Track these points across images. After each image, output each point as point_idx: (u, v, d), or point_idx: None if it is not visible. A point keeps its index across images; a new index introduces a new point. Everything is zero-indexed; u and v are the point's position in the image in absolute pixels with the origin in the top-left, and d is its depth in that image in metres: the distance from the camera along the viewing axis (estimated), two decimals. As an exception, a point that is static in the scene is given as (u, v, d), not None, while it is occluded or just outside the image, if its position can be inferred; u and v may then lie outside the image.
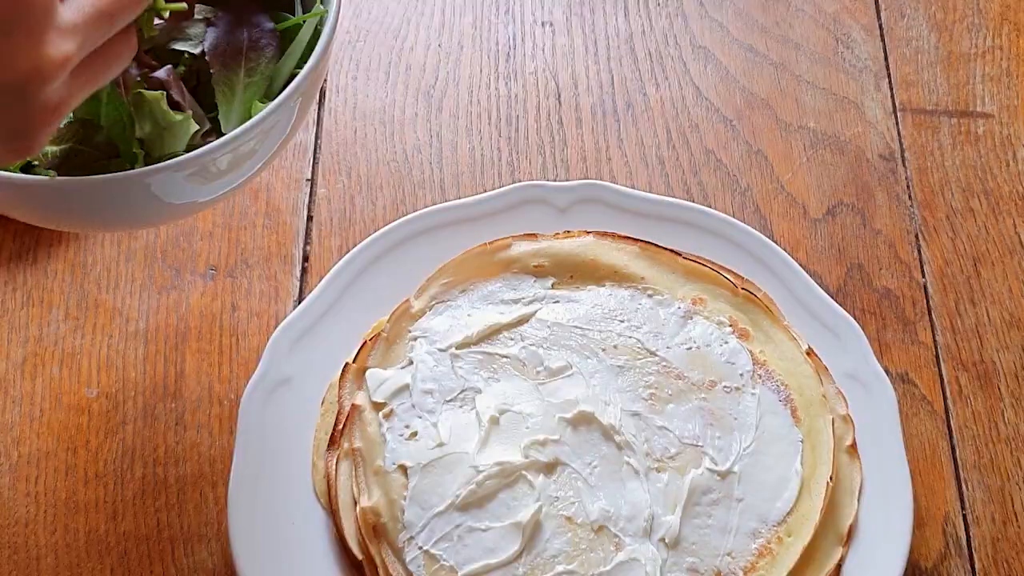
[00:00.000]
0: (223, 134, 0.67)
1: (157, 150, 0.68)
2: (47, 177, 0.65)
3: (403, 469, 0.82)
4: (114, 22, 0.57)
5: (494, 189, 0.96)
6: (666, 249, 0.93)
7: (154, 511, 0.85)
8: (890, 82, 1.06)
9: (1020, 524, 0.88)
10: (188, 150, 0.66)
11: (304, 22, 0.71)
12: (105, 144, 0.68)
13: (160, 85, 0.68)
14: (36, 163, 0.67)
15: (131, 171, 0.63)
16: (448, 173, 1.00)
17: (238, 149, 0.66)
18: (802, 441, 0.85)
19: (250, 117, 0.67)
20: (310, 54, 0.69)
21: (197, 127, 0.68)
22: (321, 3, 0.72)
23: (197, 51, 0.70)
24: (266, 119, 0.66)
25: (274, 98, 0.67)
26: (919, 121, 1.04)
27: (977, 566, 0.86)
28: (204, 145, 0.65)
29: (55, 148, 0.67)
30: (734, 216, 0.96)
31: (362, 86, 1.04)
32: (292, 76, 0.69)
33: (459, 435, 0.83)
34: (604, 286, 0.92)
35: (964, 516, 0.88)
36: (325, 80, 1.03)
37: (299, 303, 0.91)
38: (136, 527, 0.85)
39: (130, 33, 0.60)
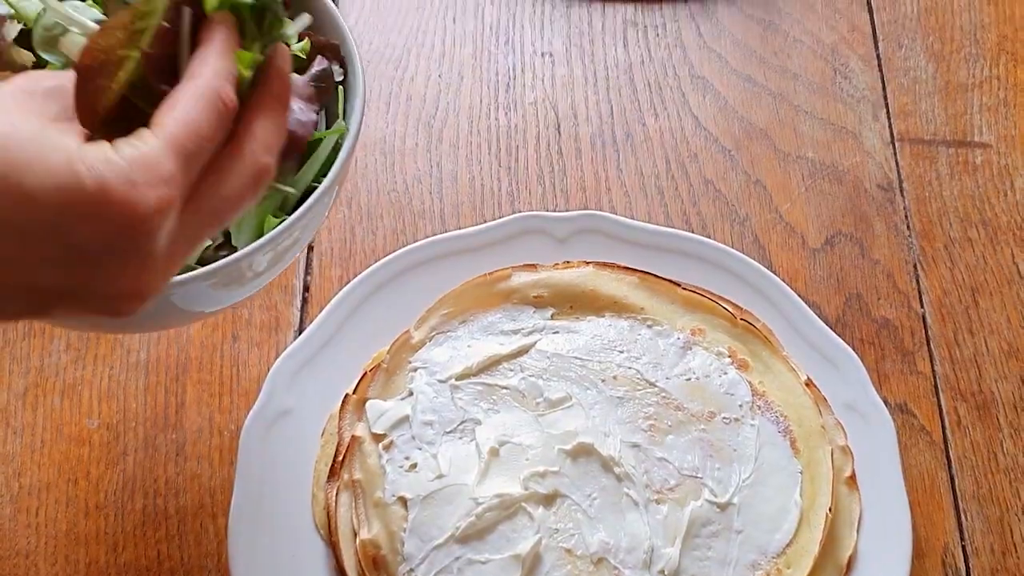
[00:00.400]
0: (235, 248, 0.67)
1: None
2: None
3: (403, 501, 0.83)
4: (212, 144, 0.54)
5: (494, 219, 0.96)
6: (665, 279, 0.93)
7: (155, 542, 0.85)
8: (888, 112, 1.06)
9: (1020, 555, 0.88)
10: (200, 263, 0.65)
11: (325, 138, 0.71)
12: None
13: None
14: None
15: None
16: (448, 203, 1.00)
17: (250, 262, 0.65)
18: (801, 472, 0.85)
19: (262, 232, 0.66)
20: (328, 168, 0.68)
21: (209, 241, 0.67)
22: (343, 119, 0.72)
23: None
24: (278, 236, 0.65)
25: (289, 212, 0.66)
26: (917, 151, 1.04)
27: (977, 597, 0.86)
28: (217, 259, 0.64)
29: None
30: (733, 246, 0.96)
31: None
32: (309, 190, 0.68)
33: (459, 466, 0.84)
34: (604, 316, 0.92)
35: (963, 547, 0.88)
36: (326, 111, 1.04)
37: (299, 333, 0.92)
38: (136, 558, 0.85)
39: (254, 164, 0.56)
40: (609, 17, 1.11)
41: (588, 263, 0.94)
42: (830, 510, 0.83)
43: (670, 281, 0.93)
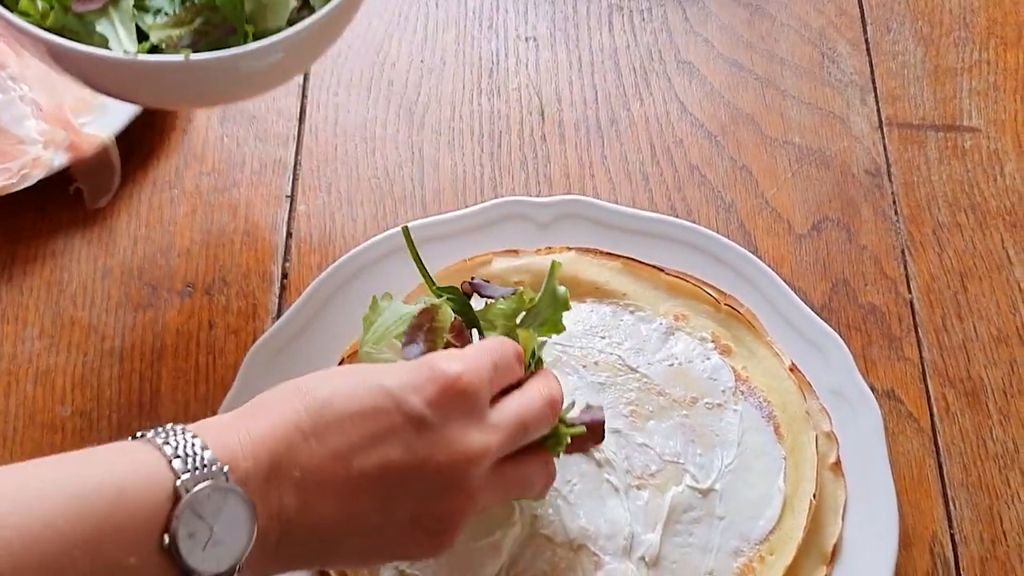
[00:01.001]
0: (314, 10, 0.77)
1: (261, 25, 0.75)
2: (182, 57, 0.71)
3: (379, 488, 0.81)
4: (528, 432, 0.68)
5: (476, 205, 0.95)
6: (648, 265, 0.92)
7: (127, 531, 0.84)
8: (876, 96, 1.05)
9: (1009, 543, 0.86)
10: (288, 24, 0.75)
11: None
12: (222, 23, 0.75)
13: None
14: (164, 46, 0.74)
15: (259, 42, 0.72)
16: (430, 189, 0.99)
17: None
18: (785, 458, 0.84)
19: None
20: None
21: (294, 3, 0.77)
22: None
23: None
24: None
25: None
26: (905, 135, 1.03)
27: (965, 586, 0.85)
28: (300, 20, 0.74)
29: (179, 31, 0.75)
30: (718, 232, 0.95)
31: (343, 102, 1.03)
32: None
33: (437, 453, 0.82)
34: (585, 302, 0.91)
35: (952, 535, 0.86)
36: (305, 97, 1.03)
37: (277, 320, 0.90)
38: (109, 547, 0.83)
39: (547, 461, 0.72)
40: (594, 1, 1.09)
41: (570, 248, 0.92)
42: (814, 496, 0.82)
43: (653, 266, 0.92)
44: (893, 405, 0.91)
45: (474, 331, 0.77)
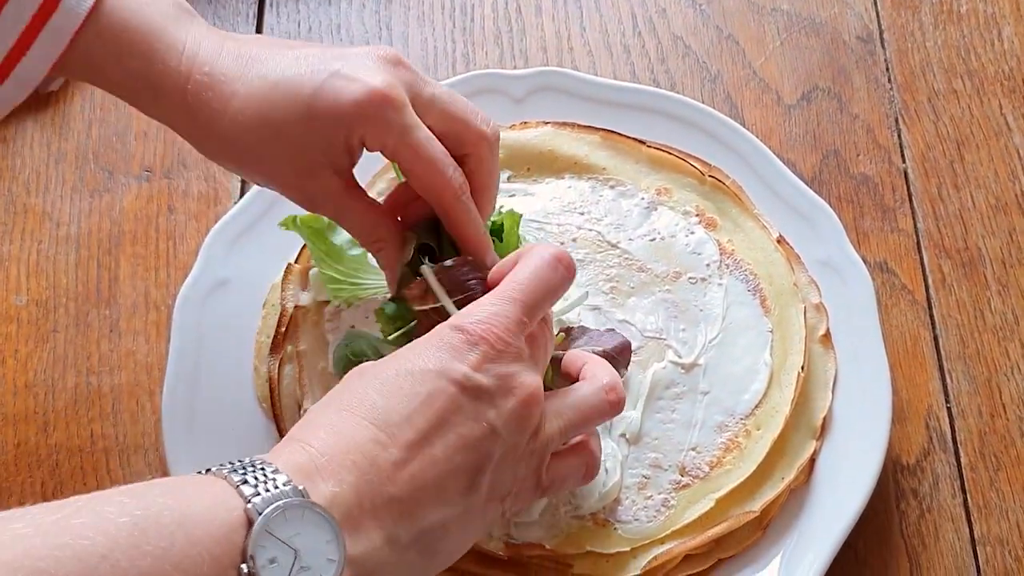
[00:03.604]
0: None
1: None
2: None
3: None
4: (579, 429, 0.66)
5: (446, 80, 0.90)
6: (629, 138, 0.87)
7: (87, 421, 0.81)
8: (868, -40, 1.00)
9: (1009, 416, 0.83)
10: None
11: None
12: None
13: None
14: None
15: None
16: (399, 66, 0.94)
17: None
18: (771, 331, 0.80)
19: None
20: None
21: None
22: None
23: None
24: None
25: None
26: (898, 0, 0.98)
27: (963, 460, 0.81)
28: None
29: None
30: (703, 104, 0.90)
31: (307, -22, 0.98)
32: None
33: (408, 333, 0.78)
34: (563, 178, 0.87)
35: (948, 409, 0.83)
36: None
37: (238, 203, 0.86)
38: (68, 438, 0.80)
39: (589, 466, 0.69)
40: None
41: (547, 123, 0.88)
42: (802, 369, 0.78)
43: (634, 139, 0.87)
44: (886, 278, 0.87)
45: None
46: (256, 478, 0.52)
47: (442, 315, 0.66)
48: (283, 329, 0.81)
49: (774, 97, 0.94)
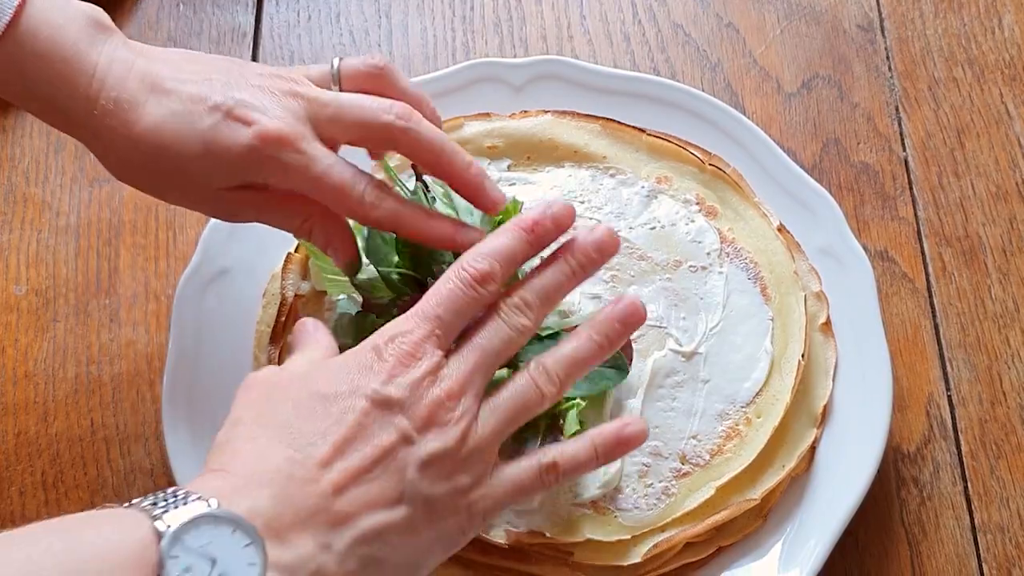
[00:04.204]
0: None
1: None
2: None
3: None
4: (499, 355, 0.64)
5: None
6: (629, 126, 0.87)
7: (88, 411, 0.81)
8: (868, -53, 0.99)
9: (1009, 404, 0.83)
10: None
11: None
12: None
13: None
14: None
15: None
16: (398, 55, 0.94)
17: None
18: (772, 319, 0.80)
19: None
20: None
21: None
22: None
23: None
24: None
25: None
26: (899, -12, 0.98)
27: (963, 448, 0.81)
28: None
29: None
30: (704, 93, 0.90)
31: (306, -34, 0.98)
32: None
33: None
34: (563, 167, 0.86)
35: (949, 397, 0.83)
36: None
37: (239, 192, 0.86)
38: (69, 427, 0.80)
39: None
40: None
41: (547, 112, 0.88)
42: (803, 356, 0.78)
43: (634, 127, 0.87)
44: (887, 266, 0.87)
45: None
46: (167, 501, 0.53)
47: None
48: (283, 318, 0.80)
49: (774, 85, 0.94)
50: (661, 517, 0.75)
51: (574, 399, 0.74)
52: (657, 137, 0.87)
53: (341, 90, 0.71)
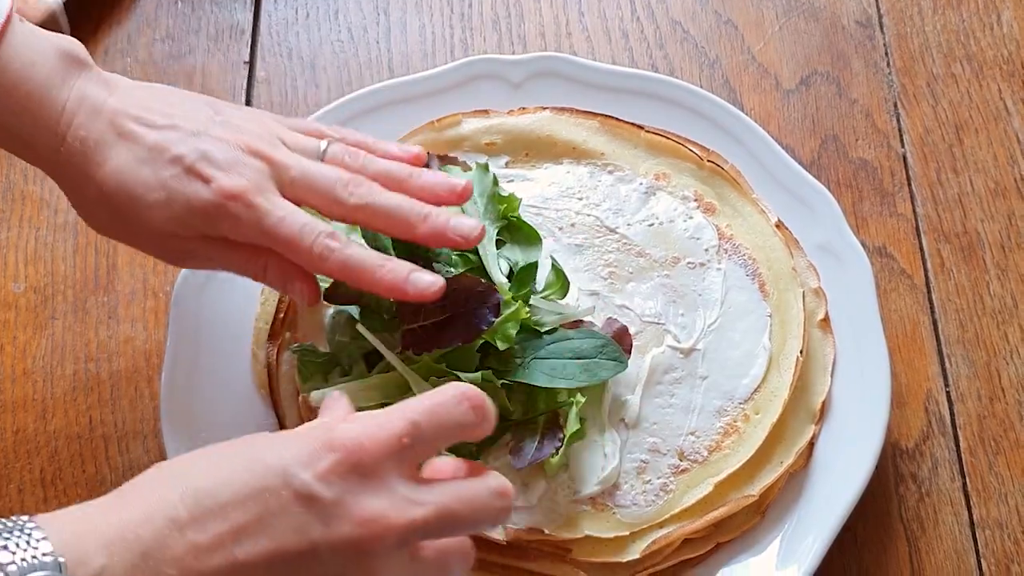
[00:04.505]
0: None
1: None
2: None
3: (348, 356, 0.78)
4: (458, 524, 0.58)
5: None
6: (628, 123, 0.87)
7: (86, 408, 0.81)
8: (867, -56, 0.99)
9: (1008, 400, 0.83)
10: None
11: None
12: None
13: None
14: None
15: None
16: (397, 52, 0.94)
17: None
18: (770, 316, 0.80)
19: None
20: None
21: None
22: None
23: None
24: None
25: None
26: (898, -16, 0.98)
27: (962, 444, 0.81)
28: None
29: None
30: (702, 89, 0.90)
31: (304, -37, 0.98)
32: None
33: (407, 320, 0.78)
34: (562, 163, 0.86)
35: (948, 393, 0.83)
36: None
37: (237, 189, 0.86)
38: (67, 424, 0.80)
39: (467, 551, 0.60)
40: None
41: (545, 108, 0.88)
42: (801, 353, 0.78)
43: (633, 124, 0.87)
44: (885, 262, 0.87)
45: None
46: (18, 544, 0.50)
47: None
48: (281, 315, 0.81)
49: (773, 82, 0.94)
50: (660, 513, 0.75)
51: (573, 397, 0.74)
52: (655, 134, 0.87)
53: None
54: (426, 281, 0.66)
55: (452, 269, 0.74)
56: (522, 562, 0.74)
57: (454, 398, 0.58)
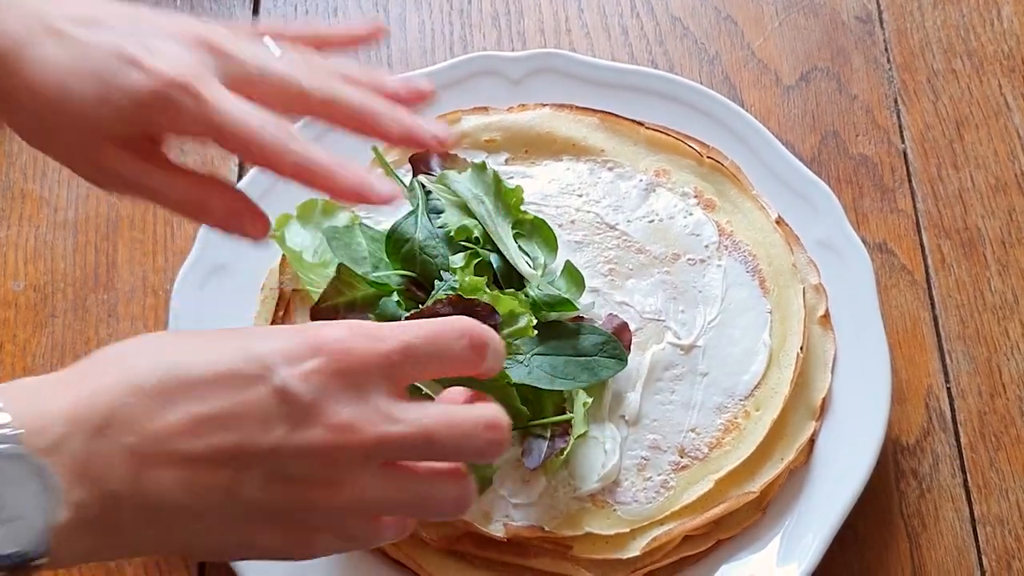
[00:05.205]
0: None
1: None
2: None
3: (346, 353, 0.77)
4: (434, 448, 0.55)
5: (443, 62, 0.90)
6: (627, 119, 0.87)
7: (86, 407, 0.81)
8: (866, -61, 0.99)
9: (1008, 396, 0.83)
10: None
11: None
12: None
13: None
14: None
15: None
16: (396, 49, 0.94)
17: None
18: (771, 312, 0.80)
19: None
20: None
21: None
22: None
23: None
24: None
25: None
26: (898, -21, 0.98)
27: (963, 441, 0.81)
28: None
29: None
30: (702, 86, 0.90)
31: (303, -40, 0.98)
32: None
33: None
34: (561, 160, 0.86)
35: (948, 389, 0.83)
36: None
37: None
38: (67, 423, 0.80)
39: (462, 477, 0.57)
40: None
41: (545, 105, 0.88)
42: (801, 349, 0.78)
43: (633, 121, 0.87)
44: (886, 258, 0.87)
45: None
46: None
47: None
48: (281, 313, 0.80)
49: (773, 78, 0.94)
50: (660, 510, 0.75)
51: (579, 397, 0.74)
52: (655, 130, 0.87)
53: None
54: (388, 188, 0.61)
55: (454, 287, 0.74)
56: (522, 559, 0.74)
57: (455, 331, 0.57)
